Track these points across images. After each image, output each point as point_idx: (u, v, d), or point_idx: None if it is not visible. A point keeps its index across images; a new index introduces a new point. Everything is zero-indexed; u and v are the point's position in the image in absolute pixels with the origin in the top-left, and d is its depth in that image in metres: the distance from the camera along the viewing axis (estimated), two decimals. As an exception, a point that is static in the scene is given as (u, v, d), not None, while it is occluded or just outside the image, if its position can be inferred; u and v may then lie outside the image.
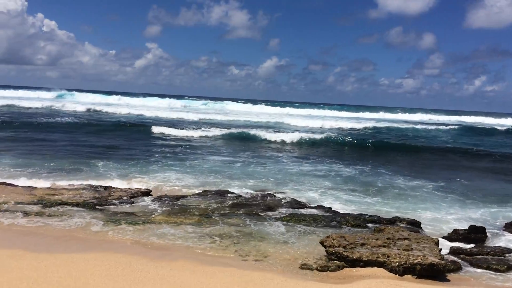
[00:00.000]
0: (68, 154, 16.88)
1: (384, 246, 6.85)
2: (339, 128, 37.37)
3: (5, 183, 11.02)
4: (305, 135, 26.16)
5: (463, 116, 72.78)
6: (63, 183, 11.81)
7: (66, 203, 9.23)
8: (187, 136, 25.40)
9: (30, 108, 40.05)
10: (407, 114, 73.34)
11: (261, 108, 67.77)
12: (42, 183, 11.60)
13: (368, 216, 9.69)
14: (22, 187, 10.76)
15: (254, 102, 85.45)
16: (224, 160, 17.65)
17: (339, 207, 10.74)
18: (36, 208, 8.73)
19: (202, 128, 28.24)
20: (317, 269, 6.37)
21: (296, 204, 10.50)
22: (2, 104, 40.84)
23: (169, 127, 27.23)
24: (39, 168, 13.59)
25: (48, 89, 74.96)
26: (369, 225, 9.08)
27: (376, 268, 6.28)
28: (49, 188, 10.97)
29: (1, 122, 26.42)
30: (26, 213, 8.32)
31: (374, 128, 39.02)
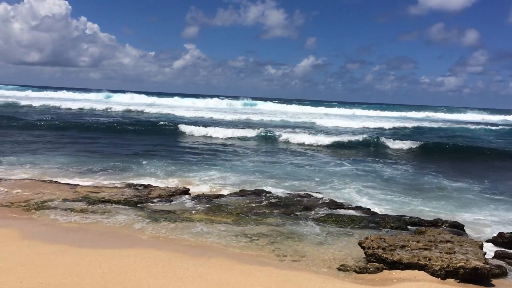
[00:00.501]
0: (109, 153, 17.41)
1: (425, 249, 6.67)
2: (380, 128, 36.65)
3: (51, 181, 11.49)
4: (344, 135, 25.84)
5: (508, 116, 69.79)
6: (105, 181, 12.19)
7: (109, 201, 9.50)
8: (224, 136, 25.59)
9: (71, 109, 41.17)
10: (451, 113, 71.16)
11: (298, 108, 67.34)
12: (86, 181, 12.02)
13: (408, 217, 9.46)
14: (67, 184, 11.18)
15: (290, 101, 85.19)
16: (260, 160, 17.69)
17: (378, 208, 10.54)
18: (80, 205, 9.04)
19: (239, 128, 28.40)
20: (355, 270, 6.28)
21: (333, 204, 10.38)
22: (48, 105, 42.45)
23: (206, 127, 27.51)
24: (83, 167, 14.07)
25: (91, 90, 77.69)
26: (410, 227, 8.85)
27: (416, 271, 6.12)
28: (92, 186, 11.34)
29: (48, 123, 27.54)
30: (71, 210, 8.63)
31: (418, 128, 38.03)
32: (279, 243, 7.35)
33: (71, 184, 11.27)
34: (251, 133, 26.22)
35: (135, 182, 12.08)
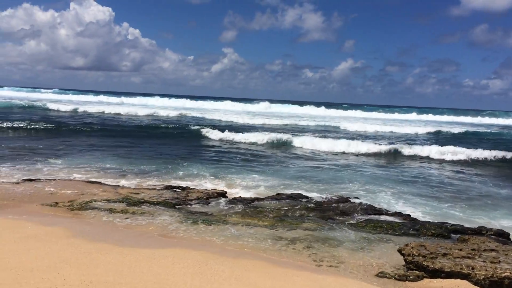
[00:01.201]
0: (149, 156, 17.83)
1: (469, 258, 6.43)
2: (428, 133, 35.65)
3: (95, 182, 11.89)
4: (379, 140, 25.32)
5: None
6: (145, 183, 12.49)
7: (148, 202, 9.73)
8: (259, 140, 25.62)
9: (119, 114, 41.90)
10: (496, 117, 68.49)
11: (337, 112, 66.54)
12: (127, 183, 12.36)
13: (450, 225, 9.16)
14: (110, 185, 11.54)
15: (329, 105, 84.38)
16: (297, 164, 17.62)
17: (419, 215, 10.27)
18: (121, 206, 9.30)
19: (272, 132, 28.37)
20: (394, 278, 6.14)
21: (371, 210, 10.20)
22: (88, 110, 43.57)
23: (242, 132, 27.63)
24: (125, 169, 14.47)
25: (133, 94, 80.00)
26: (452, 234, 8.57)
27: (459, 280, 5.91)
28: (133, 187, 11.64)
29: (94, 127, 28.52)
30: (112, 210, 8.89)
31: (461, 132, 36.80)
32: (315, 248, 7.29)
33: (113, 185, 11.62)
34: (285, 136, 26.08)
35: (173, 184, 12.32)
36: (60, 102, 52.24)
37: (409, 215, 9.92)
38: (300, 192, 11.83)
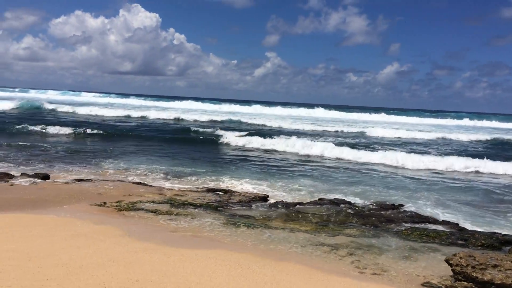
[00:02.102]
0: (193, 159, 18.16)
1: (522, 270, 6.12)
2: (481, 141, 34.06)
3: (141, 183, 12.25)
4: (439, 146, 24.46)
5: None
6: (189, 185, 12.73)
7: (192, 204, 9.90)
8: (300, 146, 25.42)
9: (167, 119, 41.90)
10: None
11: (382, 116, 65.00)
12: (171, 185, 12.65)
13: (502, 235, 8.75)
14: (155, 187, 11.85)
15: (376, 110, 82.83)
16: (341, 169, 17.40)
17: (468, 224, 9.88)
18: (166, 207, 9.52)
19: (317, 137, 28.13)
20: (441, 288, 5.94)
21: (417, 217, 9.92)
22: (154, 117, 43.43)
23: (283, 137, 27.54)
24: (171, 171, 14.81)
25: (178, 98, 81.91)
26: (504, 246, 8.18)
27: (511, 294, 5.64)
28: (177, 189, 11.90)
29: (144, 130, 29.37)
30: (157, 211, 9.11)
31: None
32: (358, 255, 7.17)
33: (158, 187, 11.93)
34: (326, 142, 25.77)
35: (217, 187, 12.48)
36: (110, 107, 54.06)
37: (457, 224, 9.57)
38: (343, 197, 11.67)
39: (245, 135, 27.11)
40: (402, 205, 11.18)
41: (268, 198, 11.22)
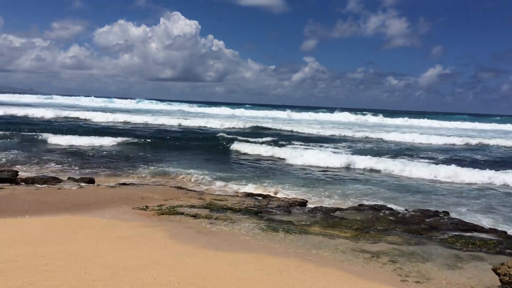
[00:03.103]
0: (232, 164, 18.33)
1: None
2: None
3: (180, 188, 12.47)
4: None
5: None
6: (228, 190, 12.87)
7: (231, 209, 9.98)
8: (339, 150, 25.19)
9: (199, 125, 41.38)
10: None
11: (425, 122, 62.61)
12: (211, 189, 12.83)
13: (554, 245, 8.31)
14: (195, 192, 12.04)
15: (418, 114, 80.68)
16: (381, 175, 17.08)
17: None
18: (205, 211, 9.65)
19: (354, 144, 27.67)
20: (489, 299, 5.71)
21: (463, 225, 9.57)
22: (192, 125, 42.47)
23: (322, 143, 27.38)
24: (210, 176, 15.02)
25: (217, 104, 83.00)
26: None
27: None
28: (216, 194, 12.04)
29: (184, 136, 29.92)
30: (197, 216, 9.24)
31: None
32: (400, 263, 7.00)
33: (198, 191, 12.12)
34: (368, 147, 25.38)
35: (256, 192, 12.55)
36: (151, 114, 55.30)
37: (505, 232, 9.18)
38: (383, 203, 11.45)
39: (273, 145, 27.02)
40: (447, 213, 10.83)
41: (307, 203, 11.16)
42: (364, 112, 76.08)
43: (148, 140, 26.16)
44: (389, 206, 11.12)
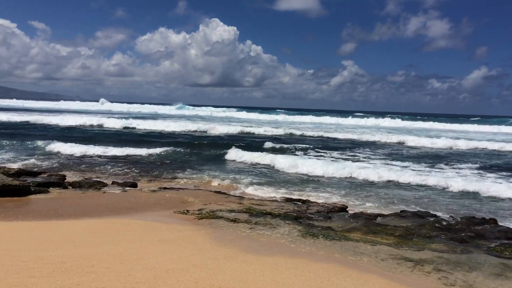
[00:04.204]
0: (269, 170, 18.32)
1: None
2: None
3: (220, 192, 12.59)
4: None
5: None
6: (268, 195, 12.88)
7: (270, 214, 9.98)
8: (384, 155, 24.69)
9: (243, 132, 40.05)
10: None
11: (471, 126, 60.29)
12: (249, 194, 12.89)
13: None
14: (235, 196, 12.13)
15: (458, 117, 78.00)
16: (427, 181, 16.60)
17: None
18: (245, 216, 9.69)
19: (401, 150, 26.96)
20: (542, 312, 5.42)
21: (512, 233, 9.16)
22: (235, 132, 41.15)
23: (365, 149, 26.93)
24: (248, 181, 15.09)
25: (257, 109, 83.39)
26: None
27: None
28: (256, 199, 12.08)
29: (225, 141, 30.24)
30: (236, 220, 9.29)
31: None
32: (445, 271, 6.76)
33: (237, 196, 12.20)
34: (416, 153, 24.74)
35: (295, 197, 12.50)
36: (192, 120, 56.16)
37: (560, 242, 8.69)
38: (427, 210, 11.12)
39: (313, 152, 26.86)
40: (495, 220, 10.38)
41: (347, 209, 11.00)
42: (418, 117, 73.98)
43: (190, 145, 26.57)
44: (433, 213, 10.79)
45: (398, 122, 64.73)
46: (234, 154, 21.32)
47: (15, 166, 15.47)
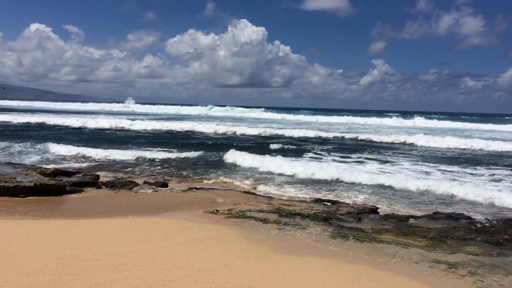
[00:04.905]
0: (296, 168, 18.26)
1: None
2: None
3: (249, 192, 12.65)
4: None
5: None
6: (295, 195, 12.86)
7: (299, 214, 9.95)
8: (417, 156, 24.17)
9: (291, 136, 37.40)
10: None
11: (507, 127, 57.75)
12: (278, 194, 12.89)
13: None
14: (263, 196, 12.16)
15: (493, 116, 75.41)
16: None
17: None
18: (274, 216, 9.70)
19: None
20: None
21: (552, 237, 8.82)
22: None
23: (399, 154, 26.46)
24: (277, 181, 15.09)
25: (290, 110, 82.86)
26: None
27: None
28: (285, 199, 12.08)
29: (252, 143, 30.36)
30: (266, 220, 9.31)
31: None
32: (481, 275, 6.58)
33: (266, 196, 12.22)
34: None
35: (324, 197, 12.43)
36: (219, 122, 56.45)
37: None
38: (461, 211, 10.85)
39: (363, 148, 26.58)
40: (533, 222, 10.03)
41: (377, 210, 10.85)
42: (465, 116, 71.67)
43: (219, 147, 26.76)
44: (468, 215, 10.52)
45: (434, 123, 62.87)
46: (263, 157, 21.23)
47: (50, 166, 15.96)
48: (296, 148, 26.82)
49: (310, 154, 23.88)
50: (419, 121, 63.52)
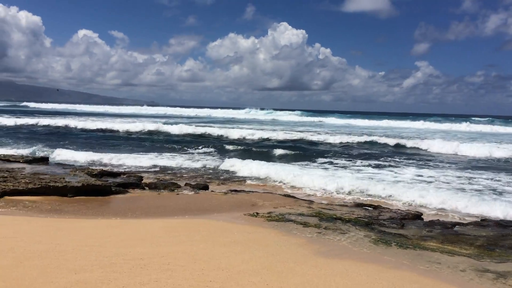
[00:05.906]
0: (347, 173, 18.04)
1: None
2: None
3: (289, 196, 12.62)
4: None
5: None
6: (335, 199, 12.72)
7: (340, 219, 9.83)
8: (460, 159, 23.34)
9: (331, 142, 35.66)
10: None
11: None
12: (318, 198, 12.79)
13: None
14: (303, 200, 12.09)
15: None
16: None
17: None
18: (314, 220, 9.62)
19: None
20: None
21: None
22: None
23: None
24: (317, 185, 14.98)
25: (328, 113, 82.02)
26: None
27: None
28: (325, 203, 11.97)
29: (291, 144, 30.32)
30: (306, 224, 9.25)
31: None
32: (533, 286, 6.27)
33: (307, 200, 12.15)
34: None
35: (366, 202, 12.23)
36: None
37: None
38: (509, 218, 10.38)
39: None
40: None
41: (422, 216, 10.55)
42: None
43: (259, 150, 26.87)
44: (518, 222, 10.06)
45: (485, 127, 60.06)
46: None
47: (97, 168, 16.54)
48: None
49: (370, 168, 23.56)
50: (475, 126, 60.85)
